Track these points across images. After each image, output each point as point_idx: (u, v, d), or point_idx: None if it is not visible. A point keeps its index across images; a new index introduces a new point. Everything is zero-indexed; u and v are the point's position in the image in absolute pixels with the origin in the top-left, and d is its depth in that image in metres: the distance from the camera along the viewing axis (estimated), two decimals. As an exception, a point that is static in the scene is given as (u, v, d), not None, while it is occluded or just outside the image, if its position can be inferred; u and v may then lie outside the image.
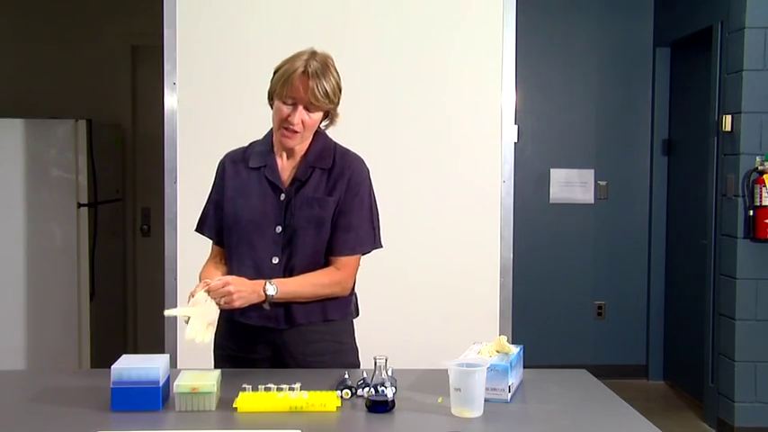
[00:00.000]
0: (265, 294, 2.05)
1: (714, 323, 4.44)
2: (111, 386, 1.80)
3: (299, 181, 2.17)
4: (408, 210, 3.12)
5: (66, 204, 4.58)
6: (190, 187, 3.10)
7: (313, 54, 2.12)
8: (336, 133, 2.28)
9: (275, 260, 2.15)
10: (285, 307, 2.15)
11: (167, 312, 2.07)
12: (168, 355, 1.93)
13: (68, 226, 4.58)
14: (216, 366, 2.24)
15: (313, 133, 2.20)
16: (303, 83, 2.07)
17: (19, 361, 4.53)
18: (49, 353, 4.55)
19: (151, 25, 3.68)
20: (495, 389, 1.87)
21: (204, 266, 2.27)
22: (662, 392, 5.24)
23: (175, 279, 3.10)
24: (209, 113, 3.13)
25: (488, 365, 1.83)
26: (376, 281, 2.32)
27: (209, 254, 2.31)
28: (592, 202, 5.43)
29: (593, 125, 5.42)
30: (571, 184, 5.41)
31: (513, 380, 1.94)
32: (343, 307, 2.24)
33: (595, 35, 5.40)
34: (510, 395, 1.90)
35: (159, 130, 3.14)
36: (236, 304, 2.01)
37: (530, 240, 5.04)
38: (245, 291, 2.03)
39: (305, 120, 2.11)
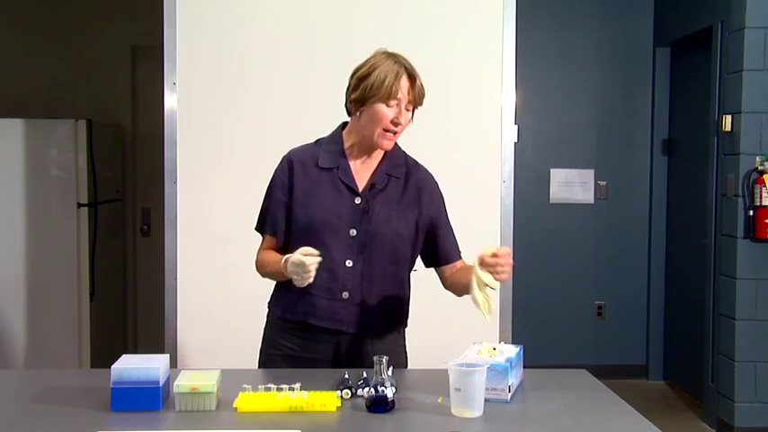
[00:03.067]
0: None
1: (714, 323, 4.44)
2: (111, 386, 1.80)
3: (376, 188, 2.18)
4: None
5: (66, 204, 4.57)
6: (190, 187, 3.10)
7: (395, 54, 2.15)
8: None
9: (349, 263, 2.14)
10: (363, 315, 2.16)
11: None
12: (168, 355, 1.93)
13: (68, 226, 4.58)
14: (264, 366, 2.23)
15: None
16: (411, 83, 2.12)
17: (19, 361, 4.53)
18: (49, 353, 4.54)
19: (151, 25, 3.67)
20: (495, 389, 1.87)
21: (263, 253, 2.22)
22: (662, 392, 5.24)
23: (175, 279, 3.10)
24: (209, 113, 3.12)
25: (488, 365, 1.83)
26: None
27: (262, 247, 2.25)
28: (592, 201, 5.43)
29: (594, 125, 5.42)
30: (571, 184, 5.41)
31: (513, 380, 1.94)
32: (406, 317, 2.31)
33: (595, 35, 5.40)
34: (510, 395, 1.90)
35: (159, 130, 3.14)
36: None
37: (530, 240, 5.04)
38: None
39: (406, 119, 2.15)
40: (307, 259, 1.97)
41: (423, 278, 3.15)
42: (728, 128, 4.25)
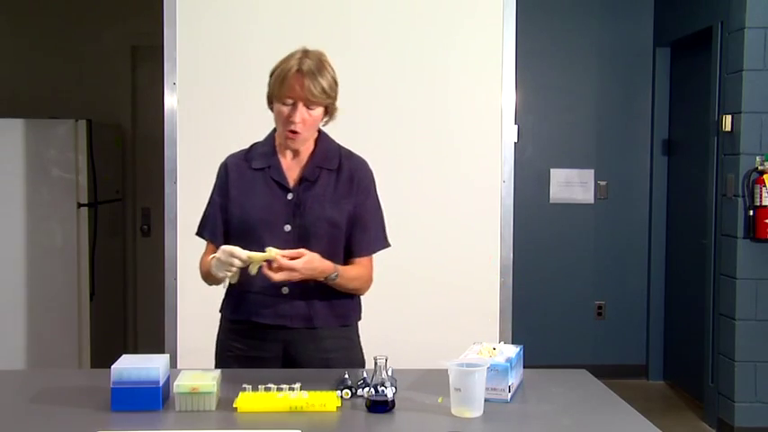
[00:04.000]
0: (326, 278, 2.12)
1: (714, 323, 4.44)
2: (111, 386, 1.80)
3: (307, 181, 2.19)
4: (408, 210, 3.12)
5: (66, 204, 4.58)
6: (190, 187, 3.10)
7: (305, 52, 2.15)
8: (337, 133, 2.28)
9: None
10: (306, 309, 2.18)
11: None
12: (168, 355, 1.93)
13: (68, 226, 4.58)
14: (220, 368, 2.24)
15: (316, 133, 2.22)
16: (299, 81, 2.10)
17: (19, 361, 4.53)
18: (49, 353, 4.55)
19: (151, 25, 3.68)
20: (495, 389, 1.87)
21: (204, 258, 2.25)
22: (662, 392, 5.24)
23: (175, 279, 3.10)
24: (209, 113, 3.13)
25: (488, 365, 1.83)
26: (376, 281, 2.32)
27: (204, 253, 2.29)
28: (592, 202, 5.43)
29: (594, 125, 5.42)
30: (571, 184, 5.41)
31: (513, 380, 1.94)
32: (357, 311, 2.29)
33: (595, 35, 5.41)
34: (510, 395, 1.90)
35: (159, 130, 3.14)
36: (296, 278, 2.05)
37: (530, 240, 5.04)
38: (312, 271, 2.06)
39: (305, 117, 2.12)
40: (231, 259, 2.02)
41: (423, 279, 3.16)
42: (728, 128, 4.25)
